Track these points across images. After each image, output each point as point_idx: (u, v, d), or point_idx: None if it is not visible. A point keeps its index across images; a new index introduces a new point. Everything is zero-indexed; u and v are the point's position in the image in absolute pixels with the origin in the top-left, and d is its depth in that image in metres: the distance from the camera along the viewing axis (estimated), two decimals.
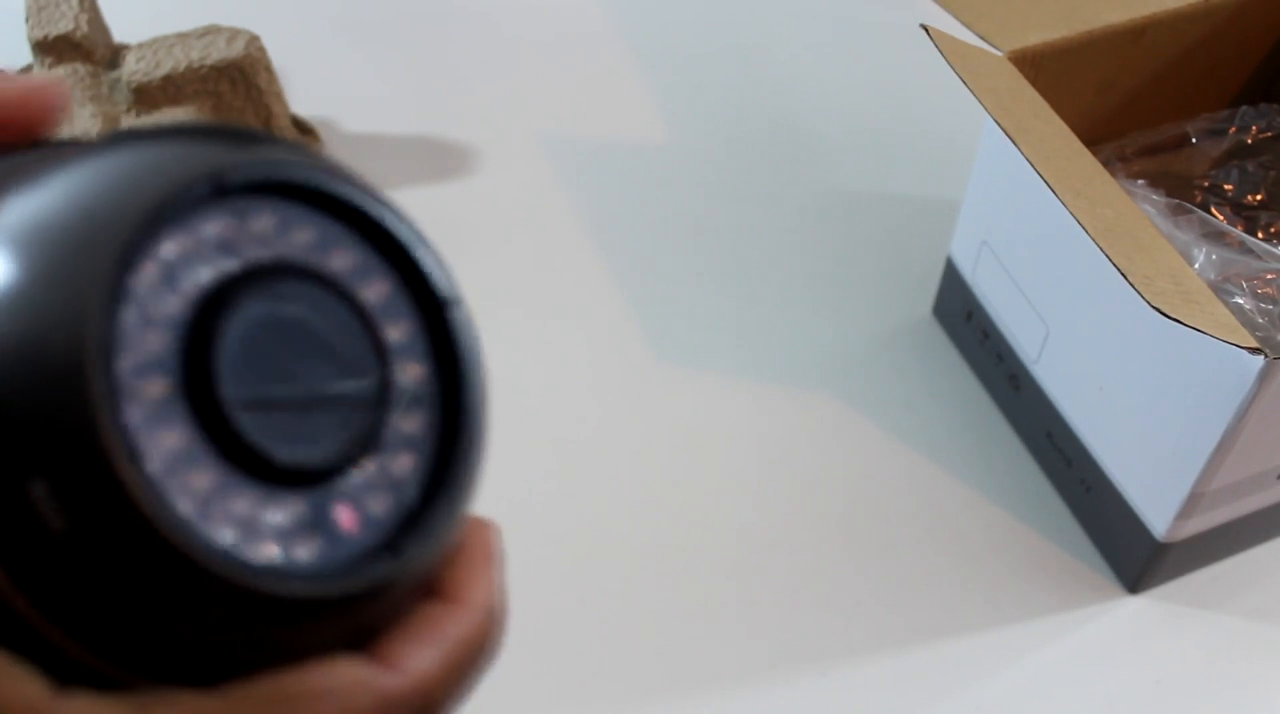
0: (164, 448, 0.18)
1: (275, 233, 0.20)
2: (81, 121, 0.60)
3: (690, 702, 0.50)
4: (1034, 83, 0.49)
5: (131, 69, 0.64)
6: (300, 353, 0.20)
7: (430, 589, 0.22)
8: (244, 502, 0.19)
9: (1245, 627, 0.52)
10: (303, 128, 0.71)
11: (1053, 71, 0.52)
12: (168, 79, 0.64)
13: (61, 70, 0.65)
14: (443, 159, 0.71)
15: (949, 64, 0.46)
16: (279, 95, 0.67)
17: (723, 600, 0.52)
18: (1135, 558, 0.51)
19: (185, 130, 0.21)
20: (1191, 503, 0.47)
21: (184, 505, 0.18)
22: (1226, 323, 0.39)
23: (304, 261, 0.21)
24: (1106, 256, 0.40)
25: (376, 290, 0.21)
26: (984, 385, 0.59)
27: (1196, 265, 0.52)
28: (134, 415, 0.18)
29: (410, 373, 0.22)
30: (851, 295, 0.64)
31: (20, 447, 0.17)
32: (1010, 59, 0.50)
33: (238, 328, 0.19)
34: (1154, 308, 0.38)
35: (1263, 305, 0.51)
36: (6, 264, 0.18)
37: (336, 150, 0.71)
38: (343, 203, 0.21)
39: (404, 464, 0.21)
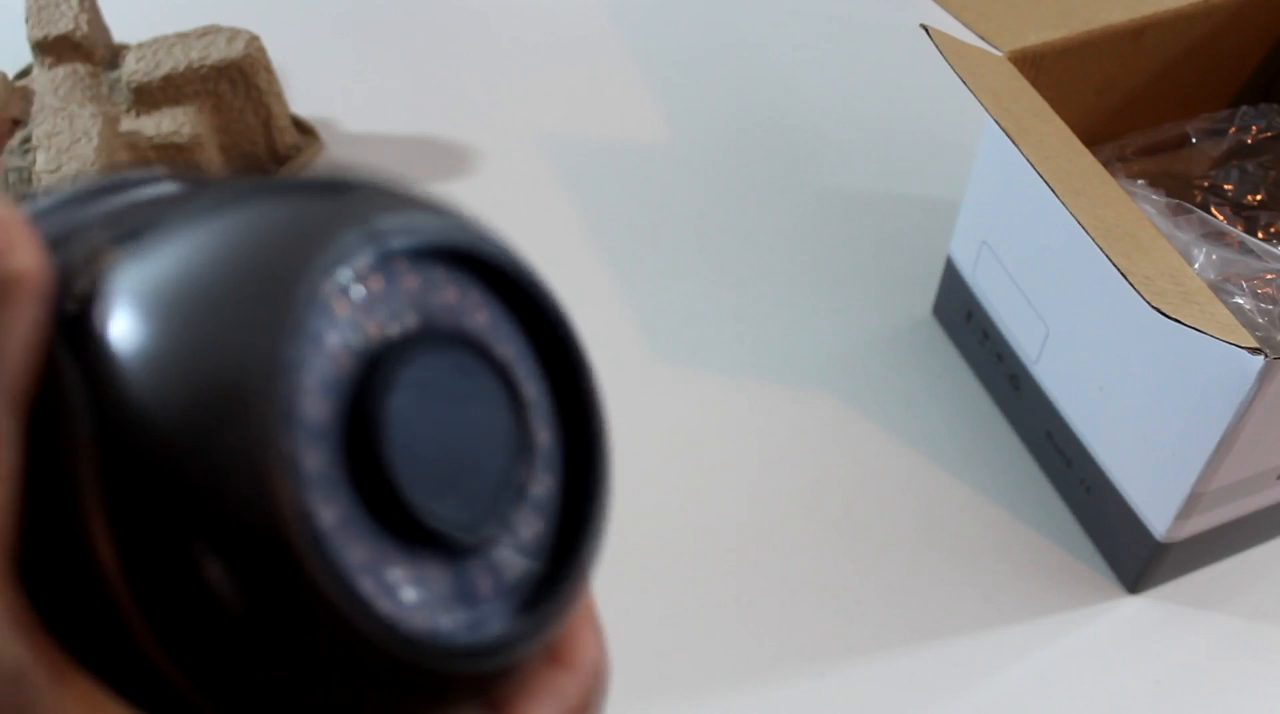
0: (332, 518, 0.18)
1: (421, 293, 0.20)
2: (81, 121, 0.60)
3: (690, 702, 0.50)
4: (1034, 83, 0.49)
5: (131, 69, 0.64)
6: (448, 418, 0.20)
7: (547, 650, 0.22)
8: (398, 571, 0.19)
9: (1245, 627, 0.52)
10: (303, 128, 0.71)
11: (1053, 71, 0.52)
12: (168, 79, 0.64)
13: (61, 70, 0.65)
14: (443, 159, 0.71)
15: (949, 64, 0.46)
16: (279, 95, 0.67)
17: (722, 600, 0.52)
18: (1135, 558, 0.51)
19: (321, 185, 0.20)
20: (1191, 503, 0.47)
21: (359, 581, 0.18)
22: (1226, 323, 0.39)
23: (449, 322, 0.20)
24: (1106, 257, 0.40)
25: (510, 348, 0.21)
26: (984, 385, 0.59)
27: (1196, 265, 0.52)
28: (311, 489, 0.17)
29: (542, 435, 0.21)
30: (851, 295, 0.64)
31: (194, 525, 0.17)
32: (1010, 59, 0.50)
33: (395, 393, 0.19)
34: (1154, 308, 0.38)
35: (1263, 305, 0.51)
36: (158, 326, 0.17)
37: (336, 150, 0.71)
38: (486, 262, 0.21)
39: (535, 529, 0.21)
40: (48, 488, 0.17)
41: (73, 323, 0.18)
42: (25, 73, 0.71)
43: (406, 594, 0.19)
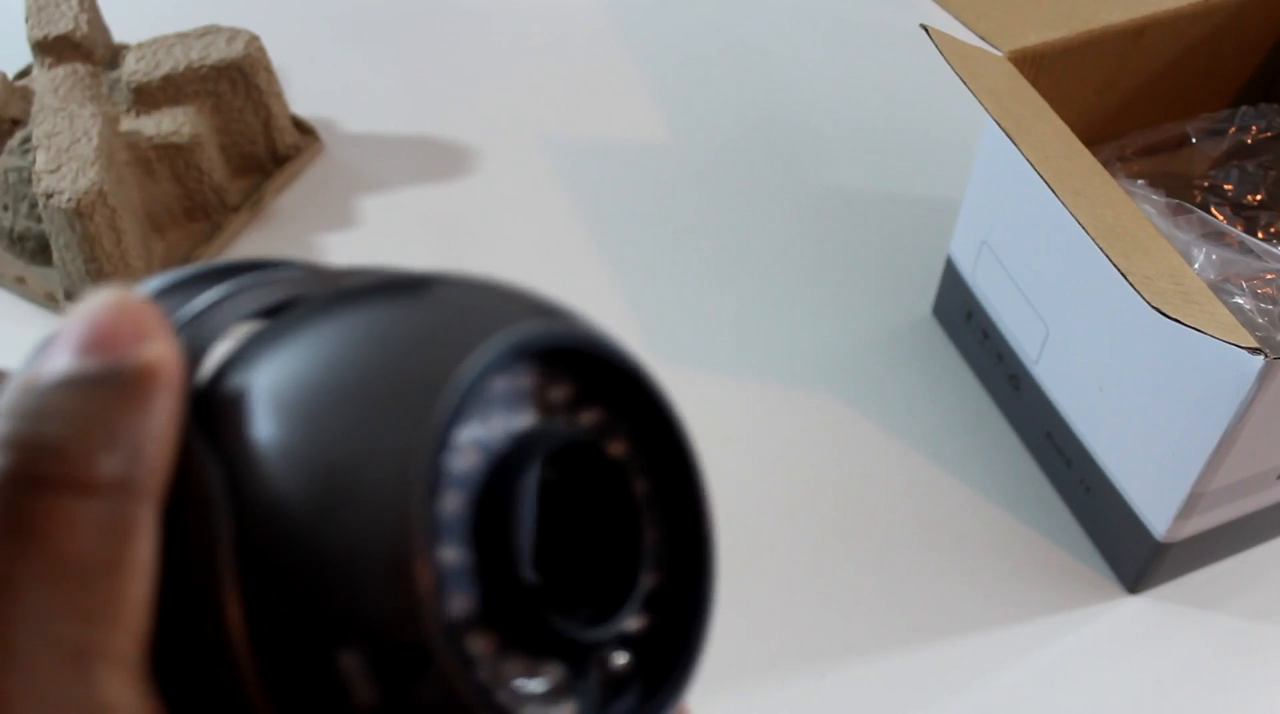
0: (462, 613, 0.18)
1: (542, 391, 0.20)
2: (81, 121, 0.60)
3: (690, 702, 0.49)
4: (1034, 83, 0.49)
5: (131, 69, 0.64)
6: (564, 514, 0.20)
7: None
8: (517, 664, 0.19)
9: (1245, 627, 0.52)
10: (303, 128, 0.71)
11: (1053, 71, 0.52)
12: (167, 79, 0.64)
13: (61, 70, 0.65)
14: (443, 159, 0.71)
15: (949, 64, 0.46)
16: (279, 95, 0.67)
17: (722, 600, 0.52)
18: (1135, 558, 0.51)
19: (438, 283, 0.20)
20: (1191, 503, 0.47)
21: (484, 676, 0.18)
22: (1226, 323, 0.39)
23: (567, 421, 0.20)
24: (1106, 256, 0.40)
25: (622, 446, 0.21)
26: (984, 385, 0.59)
27: (1196, 265, 0.52)
28: (447, 586, 0.18)
29: (650, 532, 0.21)
30: (851, 295, 0.64)
31: (333, 620, 0.17)
32: (1010, 59, 0.50)
33: (521, 490, 0.19)
34: (1154, 308, 0.38)
35: (1263, 305, 0.51)
36: (298, 422, 0.17)
37: (337, 150, 0.71)
38: (602, 360, 0.21)
39: (643, 626, 0.21)
40: (183, 580, 0.17)
41: (206, 411, 0.18)
42: (25, 73, 0.72)
43: (522, 687, 0.19)
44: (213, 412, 0.18)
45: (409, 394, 0.18)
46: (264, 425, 0.17)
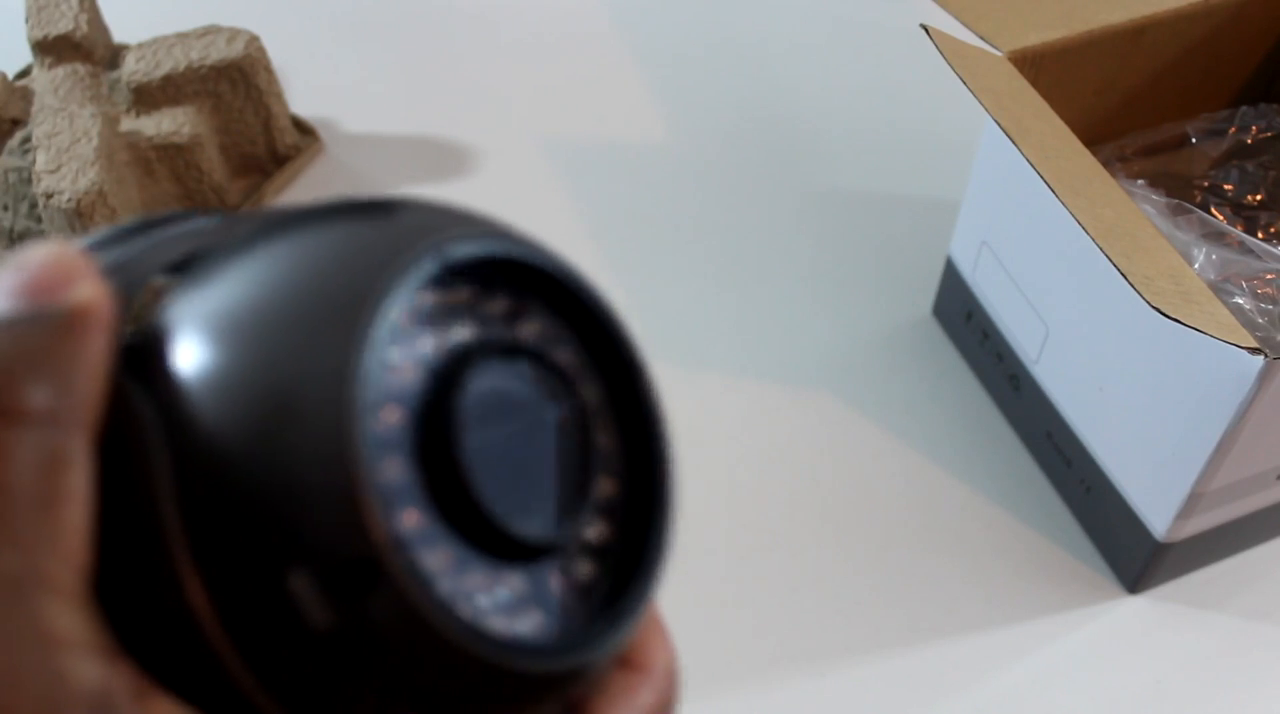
0: (412, 526, 0.18)
1: (479, 304, 0.20)
2: (81, 121, 0.60)
3: (690, 702, 0.49)
4: (1034, 83, 0.49)
5: (131, 69, 0.64)
6: (512, 425, 0.20)
7: (621, 655, 0.22)
8: (476, 576, 0.19)
9: (1245, 627, 0.52)
10: (303, 128, 0.71)
11: (1053, 71, 0.52)
12: (167, 79, 0.64)
13: (61, 70, 0.65)
14: (443, 159, 0.71)
15: (949, 64, 0.46)
16: (279, 95, 0.67)
17: (722, 600, 0.52)
18: (1135, 558, 0.51)
19: (365, 205, 0.20)
20: (1191, 503, 0.47)
21: (442, 589, 0.18)
22: (1226, 323, 0.39)
23: (508, 332, 0.20)
24: (1106, 257, 0.40)
25: (568, 355, 0.21)
26: (984, 385, 0.59)
27: (1196, 265, 0.52)
28: (392, 500, 0.18)
29: (603, 439, 0.21)
30: (851, 295, 0.64)
31: (278, 542, 0.17)
32: (1010, 59, 0.50)
33: (462, 402, 0.19)
34: (1154, 308, 0.38)
35: (1263, 305, 0.51)
36: (226, 352, 0.17)
37: (337, 150, 0.71)
38: (539, 271, 0.21)
39: (604, 533, 0.21)
40: (123, 512, 0.17)
41: (135, 352, 0.18)
42: (25, 73, 0.72)
43: (484, 598, 0.19)
44: (144, 350, 0.18)
45: (333, 314, 0.18)
46: (194, 357, 0.18)
